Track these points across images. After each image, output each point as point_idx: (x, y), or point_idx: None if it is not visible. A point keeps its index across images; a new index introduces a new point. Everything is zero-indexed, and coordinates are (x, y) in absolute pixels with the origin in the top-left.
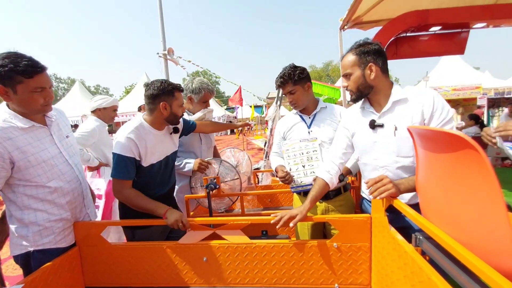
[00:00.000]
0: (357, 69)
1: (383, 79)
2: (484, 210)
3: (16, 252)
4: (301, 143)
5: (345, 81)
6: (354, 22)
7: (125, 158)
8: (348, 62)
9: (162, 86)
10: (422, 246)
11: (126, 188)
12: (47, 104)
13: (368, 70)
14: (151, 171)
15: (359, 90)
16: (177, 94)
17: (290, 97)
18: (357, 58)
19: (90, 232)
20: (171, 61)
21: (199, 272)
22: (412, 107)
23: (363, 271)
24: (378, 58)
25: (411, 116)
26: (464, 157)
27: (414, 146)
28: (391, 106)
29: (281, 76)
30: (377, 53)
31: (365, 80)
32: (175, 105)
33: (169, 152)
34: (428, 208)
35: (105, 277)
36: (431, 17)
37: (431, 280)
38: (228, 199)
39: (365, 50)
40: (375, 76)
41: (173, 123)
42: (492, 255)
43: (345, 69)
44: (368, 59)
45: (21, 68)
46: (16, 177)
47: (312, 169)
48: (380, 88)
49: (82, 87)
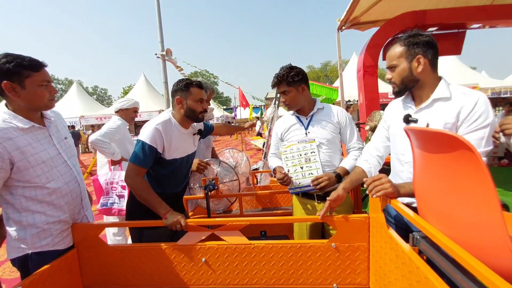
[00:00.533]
0: (404, 61)
1: (431, 73)
2: (479, 210)
3: (14, 255)
4: (299, 144)
5: (390, 73)
6: (351, 23)
7: (148, 146)
8: (395, 53)
9: (178, 83)
10: (419, 245)
11: (139, 176)
12: (52, 98)
13: (415, 63)
14: (173, 166)
15: (403, 83)
16: (192, 89)
17: (284, 97)
18: (405, 50)
19: (88, 234)
20: (169, 62)
21: (198, 273)
22: (451, 107)
23: (361, 271)
24: (428, 51)
25: (446, 116)
26: (459, 157)
27: (411, 146)
28: (431, 102)
29: (276, 76)
30: (428, 45)
31: (411, 73)
32: (190, 100)
33: (190, 151)
34: (425, 208)
35: (104, 279)
36: (428, 18)
37: (428, 280)
38: (226, 200)
39: (414, 41)
40: (422, 69)
41: (193, 119)
42: (488, 254)
43: (390, 61)
44: (417, 50)
45: (27, 62)
46: (15, 178)
47: (310, 171)
48: (426, 82)
49: (80, 88)
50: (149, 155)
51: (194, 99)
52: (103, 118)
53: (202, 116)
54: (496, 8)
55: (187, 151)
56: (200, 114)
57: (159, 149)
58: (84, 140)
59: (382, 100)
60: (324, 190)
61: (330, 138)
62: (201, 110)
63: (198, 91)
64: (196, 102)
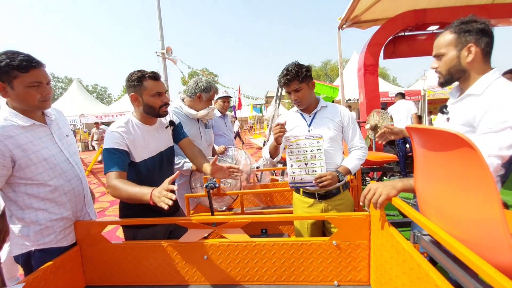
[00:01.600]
0: (453, 49)
1: (482, 64)
2: (481, 207)
3: (17, 252)
4: (306, 140)
5: (436, 62)
6: (352, 21)
7: (113, 150)
8: (444, 40)
9: (129, 77)
10: (420, 243)
11: (113, 180)
12: (44, 99)
13: (465, 51)
14: (144, 167)
15: (449, 73)
16: (146, 83)
17: (295, 95)
18: (455, 37)
19: (90, 231)
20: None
21: (200, 270)
22: (478, 104)
23: (362, 268)
24: (481, 39)
25: (469, 113)
26: (461, 155)
27: (412, 144)
28: (463, 96)
29: (287, 73)
30: (482, 33)
31: (459, 62)
32: (146, 95)
33: (163, 147)
34: (426, 205)
35: (106, 276)
36: (428, 17)
37: (429, 277)
38: (228, 197)
39: (467, 29)
40: (472, 59)
41: (154, 115)
42: (489, 252)
43: (438, 49)
44: (469, 38)
45: (16, 62)
46: (17, 175)
47: (313, 168)
48: (475, 74)
49: (80, 86)
50: (118, 156)
51: (150, 94)
52: (103, 116)
53: (164, 111)
54: (497, 7)
55: (158, 149)
56: (160, 110)
57: (125, 148)
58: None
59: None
60: (325, 189)
61: (333, 136)
62: (161, 104)
63: (153, 84)
64: (154, 97)
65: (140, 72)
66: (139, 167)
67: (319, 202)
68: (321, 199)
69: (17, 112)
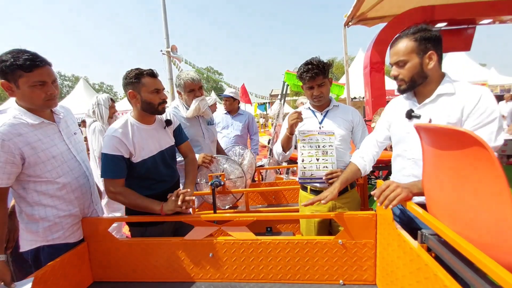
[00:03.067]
0: (415, 56)
1: (439, 69)
2: (492, 207)
3: (27, 248)
4: (319, 135)
5: (397, 69)
6: (358, 19)
7: (111, 157)
8: (404, 48)
9: (127, 75)
10: (427, 243)
11: (117, 187)
12: (50, 98)
13: (427, 59)
14: (144, 167)
15: (412, 80)
16: (144, 80)
17: (319, 90)
18: (416, 45)
19: (97, 228)
20: (175, 58)
21: (205, 268)
22: (454, 103)
23: (368, 267)
24: (438, 47)
25: (450, 112)
26: (472, 154)
27: (420, 143)
28: (435, 98)
29: (314, 67)
30: (438, 41)
31: (422, 69)
32: (144, 92)
33: (164, 147)
34: (434, 205)
35: (113, 272)
36: (437, 13)
37: (437, 277)
38: (232, 196)
39: (426, 36)
40: (433, 65)
41: (152, 112)
42: (500, 252)
43: (398, 56)
44: (429, 46)
45: (21, 62)
46: (26, 173)
47: (325, 164)
48: (433, 79)
49: (87, 84)
50: (117, 164)
51: (148, 91)
52: None
53: (162, 107)
54: (507, 3)
55: (158, 148)
56: (159, 106)
57: (124, 154)
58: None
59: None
60: None
61: (343, 135)
62: (159, 101)
63: (151, 81)
64: (152, 93)
65: (138, 69)
66: (137, 167)
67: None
68: None
69: (26, 110)
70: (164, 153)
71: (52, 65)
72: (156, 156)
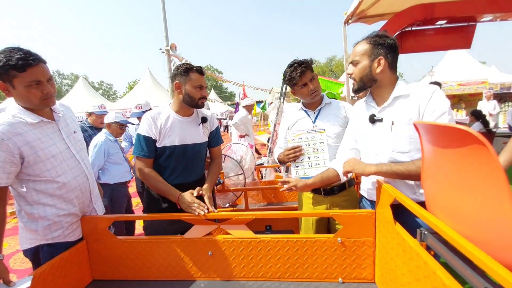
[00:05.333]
0: (366, 59)
1: (389, 74)
2: (492, 205)
3: (26, 246)
4: (308, 134)
5: (351, 68)
6: (358, 16)
7: (142, 137)
8: (360, 49)
9: (177, 67)
10: (427, 240)
11: (144, 167)
12: (46, 97)
13: (376, 63)
14: (164, 154)
15: (362, 81)
16: (192, 75)
17: (313, 84)
18: (370, 48)
19: (97, 226)
20: (174, 57)
21: (204, 266)
22: (411, 103)
23: (367, 265)
24: (389, 53)
25: (409, 112)
26: (471, 152)
27: (420, 141)
28: (392, 101)
29: (302, 63)
30: (391, 48)
31: (370, 72)
32: (189, 86)
33: (189, 142)
34: (434, 202)
35: (112, 271)
36: (437, 11)
37: (436, 275)
38: (232, 194)
39: (379, 42)
40: (381, 70)
41: (191, 105)
42: (499, 250)
43: (354, 56)
44: (380, 52)
45: (13, 62)
46: (26, 172)
47: (317, 161)
48: (384, 83)
49: (86, 83)
50: (146, 145)
51: (193, 85)
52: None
53: (202, 102)
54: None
55: (185, 140)
56: (199, 101)
57: (154, 137)
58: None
59: None
60: (331, 185)
61: (338, 132)
62: (200, 96)
63: (197, 77)
64: (195, 88)
65: (189, 64)
66: (161, 153)
67: (324, 198)
68: (327, 194)
69: (25, 109)
70: (186, 147)
71: (47, 62)
72: (178, 147)
